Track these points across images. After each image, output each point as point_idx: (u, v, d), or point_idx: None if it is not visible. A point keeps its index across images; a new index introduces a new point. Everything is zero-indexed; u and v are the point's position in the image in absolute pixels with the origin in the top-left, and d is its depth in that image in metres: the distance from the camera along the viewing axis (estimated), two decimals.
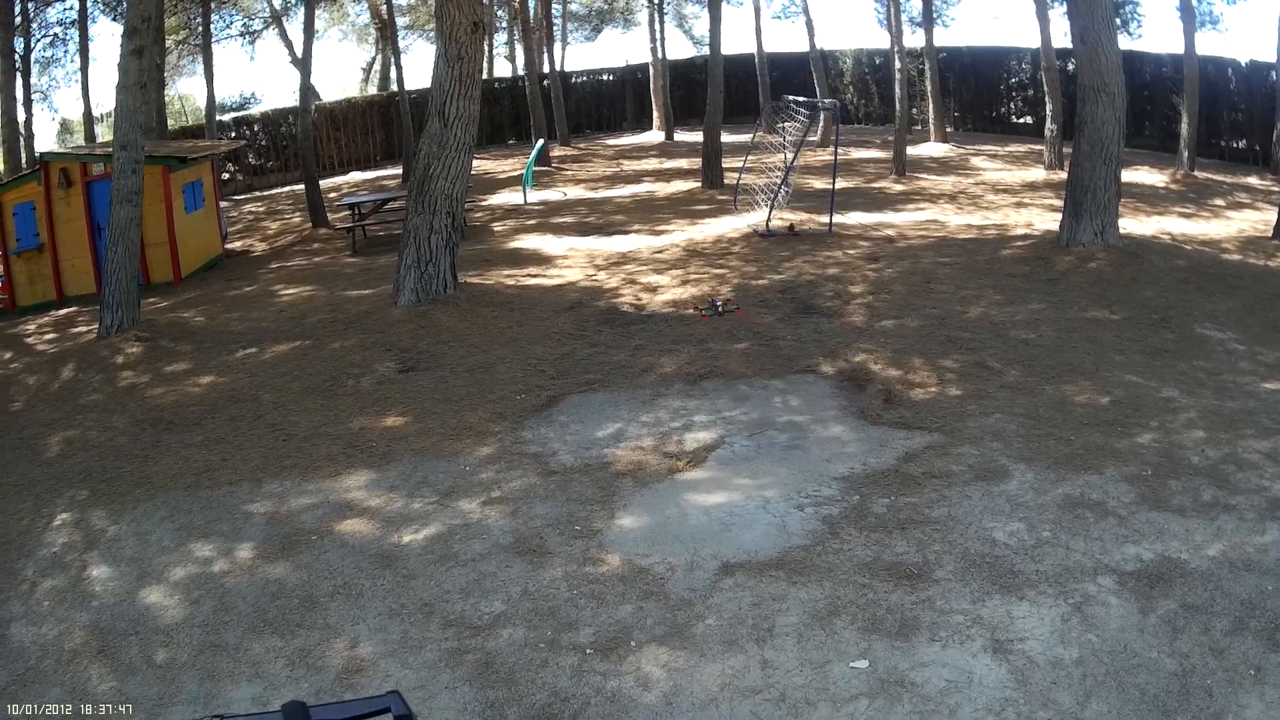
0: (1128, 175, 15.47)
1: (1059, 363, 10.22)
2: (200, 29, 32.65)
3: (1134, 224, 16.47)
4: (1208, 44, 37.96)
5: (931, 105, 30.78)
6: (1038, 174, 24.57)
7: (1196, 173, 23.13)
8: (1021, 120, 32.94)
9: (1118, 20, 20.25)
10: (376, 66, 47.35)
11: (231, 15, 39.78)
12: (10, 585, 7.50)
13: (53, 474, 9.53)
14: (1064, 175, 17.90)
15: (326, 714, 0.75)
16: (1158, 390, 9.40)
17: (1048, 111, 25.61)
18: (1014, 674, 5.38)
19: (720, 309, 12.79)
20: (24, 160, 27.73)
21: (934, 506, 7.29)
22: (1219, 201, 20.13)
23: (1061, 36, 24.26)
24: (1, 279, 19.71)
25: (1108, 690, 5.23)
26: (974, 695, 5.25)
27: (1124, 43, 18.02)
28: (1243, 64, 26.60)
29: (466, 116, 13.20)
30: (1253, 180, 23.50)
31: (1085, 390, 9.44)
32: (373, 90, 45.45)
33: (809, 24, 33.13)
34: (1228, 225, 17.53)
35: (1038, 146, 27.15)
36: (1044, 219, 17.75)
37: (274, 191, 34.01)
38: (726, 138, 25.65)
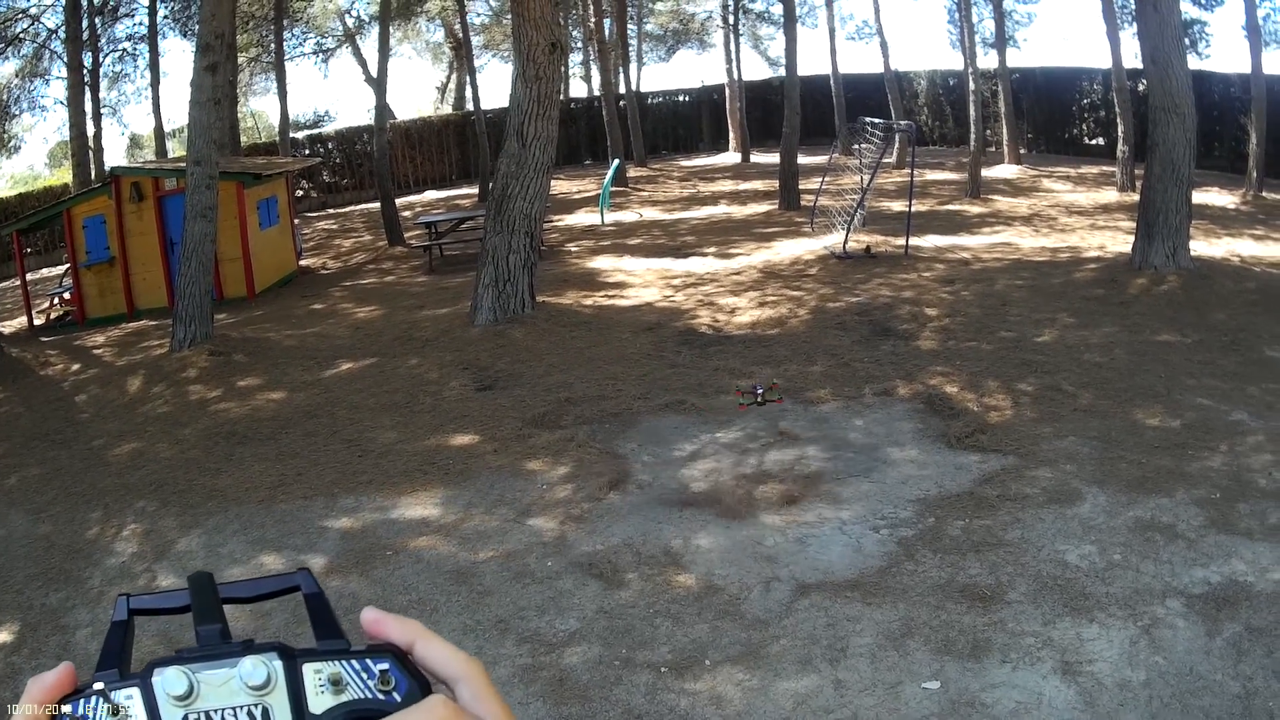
0: (1197, 197, 15.31)
1: (1131, 385, 10.19)
2: (273, 46, 33.13)
3: (1204, 246, 16.30)
4: (1275, 63, 37.35)
5: (1005, 127, 30.50)
6: (1110, 196, 24.33)
7: (1265, 194, 22.79)
8: (1094, 141, 32.55)
9: (1187, 41, 20.03)
10: (451, 85, 47.68)
11: (305, 33, 40.13)
12: (77, 593, 7.68)
13: (122, 484, 9.70)
14: (1136, 197, 17.73)
15: (235, 590, 0.85)
16: (1227, 413, 9.35)
17: (1119, 133, 25.32)
18: (1082, 695, 5.41)
19: (761, 398, 10.49)
20: (93, 174, 28.22)
21: (1008, 529, 7.32)
22: None
23: (1132, 57, 23.85)
24: (71, 291, 20.15)
25: (1173, 713, 5.25)
26: (1043, 717, 5.29)
27: (1193, 63, 17.76)
28: None
29: (545, 137, 13.29)
30: None
31: (1157, 413, 9.40)
32: (447, 109, 45.78)
33: (883, 45, 33.10)
34: None
35: (1110, 168, 26.77)
36: (1116, 241, 17.62)
37: (348, 209, 34.49)
38: (803, 159, 25.70)
